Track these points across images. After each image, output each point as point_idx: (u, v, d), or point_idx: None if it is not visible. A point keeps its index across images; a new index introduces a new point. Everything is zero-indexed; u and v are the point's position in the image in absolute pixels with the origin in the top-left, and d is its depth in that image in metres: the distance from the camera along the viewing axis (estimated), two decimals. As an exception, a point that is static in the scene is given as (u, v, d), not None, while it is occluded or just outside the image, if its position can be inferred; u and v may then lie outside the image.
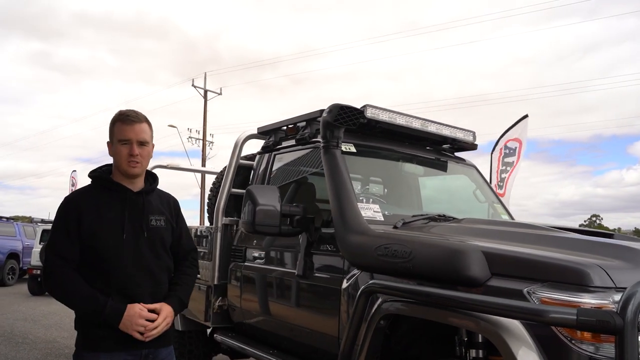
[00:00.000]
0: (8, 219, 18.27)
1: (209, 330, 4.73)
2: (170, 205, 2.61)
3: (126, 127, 2.37)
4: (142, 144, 2.39)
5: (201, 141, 30.63)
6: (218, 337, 4.30)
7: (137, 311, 2.26)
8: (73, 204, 2.34)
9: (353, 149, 3.63)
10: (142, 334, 2.27)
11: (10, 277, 16.70)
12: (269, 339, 3.95)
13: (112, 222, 2.33)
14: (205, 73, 30.22)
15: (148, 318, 2.29)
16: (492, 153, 9.42)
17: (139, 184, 2.46)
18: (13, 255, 16.83)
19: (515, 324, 2.07)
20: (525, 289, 2.11)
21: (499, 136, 9.38)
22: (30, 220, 20.95)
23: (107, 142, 2.43)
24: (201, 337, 4.87)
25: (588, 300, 1.96)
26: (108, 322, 2.24)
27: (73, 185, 18.80)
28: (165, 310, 2.38)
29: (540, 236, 2.65)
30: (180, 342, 4.77)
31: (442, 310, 2.33)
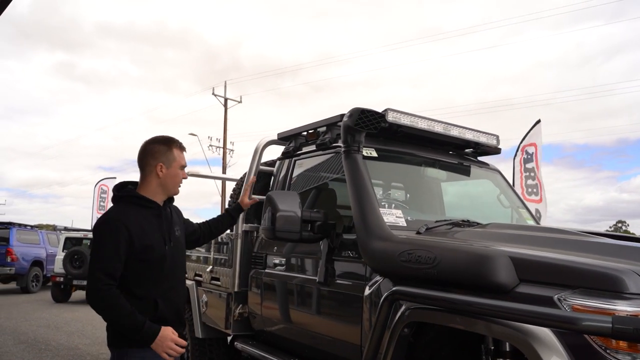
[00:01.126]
0: (32, 227, 18.55)
1: (229, 338, 4.70)
2: (178, 213, 2.93)
3: (183, 155, 2.72)
4: None
5: (222, 149, 30.83)
6: (239, 345, 4.26)
7: (169, 334, 2.47)
8: (121, 224, 2.47)
9: (374, 154, 3.57)
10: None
11: (34, 284, 16.96)
12: (290, 347, 3.90)
13: (157, 236, 2.58)
14: (225, 82, 30.54)
15: (177, 342, 2.49)
16: (514, 159, 9.37)
17: (162, 201, 2.71)
18: (37, 263, 17.11)
19: (546, 332, 1.99)
20: (556, 296, 2.02)
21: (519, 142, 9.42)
22: (53, 228, 21.21)
23: (159, 165, 2.63)
24: (221, 345, 4.83)
25: (624, 307, 1.87)
26: (143, 339, 2.42)
27: (104, 193, 18.79)
28: None
29: (570, 241, 2.56)
30: (201, 350, 4.74)
31: (469, 317, 2.26)
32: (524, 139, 9.01)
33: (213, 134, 32.15)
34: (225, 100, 30.23)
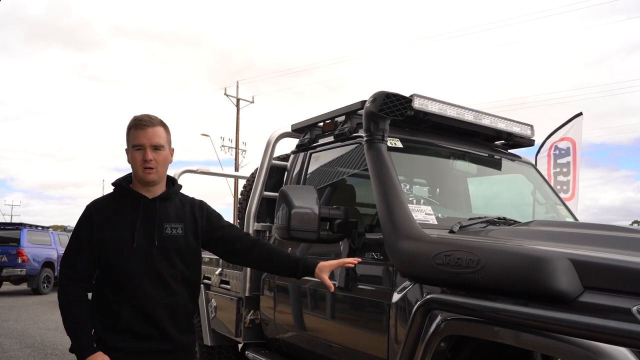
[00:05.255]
0: (44, 227, 18.42)
1: (240, 346, 4.37)
2: (195, 209, 2.47)
3: (139, 132, 2.29)
4: (157, 148, 2.30)
5: (234, 149, 30.62)
6: (250, 354, 3.92)
7: None
8: (87, 212, 2.32)
9: (399, 145, 3.22)
10: None
11: (45, 285, 16.78)
12: (306, 357, 3.56)
13: (122, 230, 2.27)
14: (238, 82, 30.24)
15: None
16: (537, 155, 8.94)
17: (158, 191, 2.38)
18: (48, 264, 16.93)
19: (622, 352, 1.63)
20: (635, 307, 1.66)
21: (544, 138, 8.96)
22: (64, 229, 21.12)
23: (125, 150, 2.36)
24: (232, 354, 4.52)
25: None
26: (75, 354, 2.20)
27: (108, 194, 18.78)
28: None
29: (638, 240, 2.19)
30: (210, 359, 4.42)
31: (521, 332, 1.90)
32: (553, 133, 8.52)
33: (226, 134, 31.87)
34: (238, 100, 30.02)
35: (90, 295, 2.39)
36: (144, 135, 2.28)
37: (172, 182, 2.48)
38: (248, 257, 2.62)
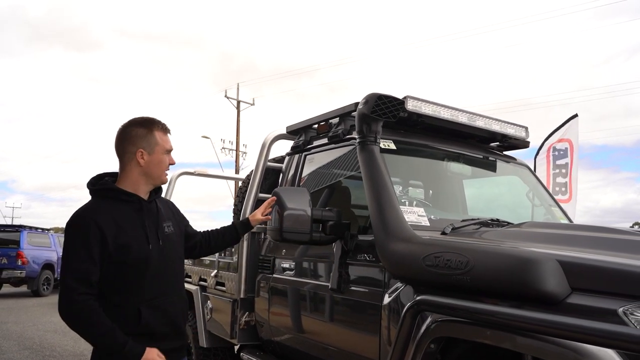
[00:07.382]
0: (44, 229, 18.44)
1: (236, 348, 4.37)
2: (172, 208, 2.60)
3: (167, 138, 2.36)
4: None
5: (234, 152, 30.63)
6: (245, 356, 3.92)
7: (154, 357, 2.15)
8: (91, 220, 2.16)
9: (392, 146, 3.22)
10: None
11: (45, 287, 16.80)
12: (300, 359, 3.55)
13: (137, 234, 2.25)
14: (238, 84, 30.23)
15: None
16: (535, 157, 8.94)
17: (146, 193, 2.38)
18: (48, 266, 16.97)
19: (609, 354, 1.63)
20: (621, 309, 1.66)
21: (542, 139, 8.96)
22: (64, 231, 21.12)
23: (139, 151, 2.28)
24: (228, 355, 4.51)
25: None
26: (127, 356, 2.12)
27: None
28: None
29: (629, 242, 2.19)
30: (205, 360, 4.42)
31: (509, 333, 1.90)
32: (551, 135, 8.53)
33: (227, 136, 31.91)
34: (238, 102, 30.04)
35: None
36: (170, 140, 2.37)
37: None
38: (198, 249, 2.78)
